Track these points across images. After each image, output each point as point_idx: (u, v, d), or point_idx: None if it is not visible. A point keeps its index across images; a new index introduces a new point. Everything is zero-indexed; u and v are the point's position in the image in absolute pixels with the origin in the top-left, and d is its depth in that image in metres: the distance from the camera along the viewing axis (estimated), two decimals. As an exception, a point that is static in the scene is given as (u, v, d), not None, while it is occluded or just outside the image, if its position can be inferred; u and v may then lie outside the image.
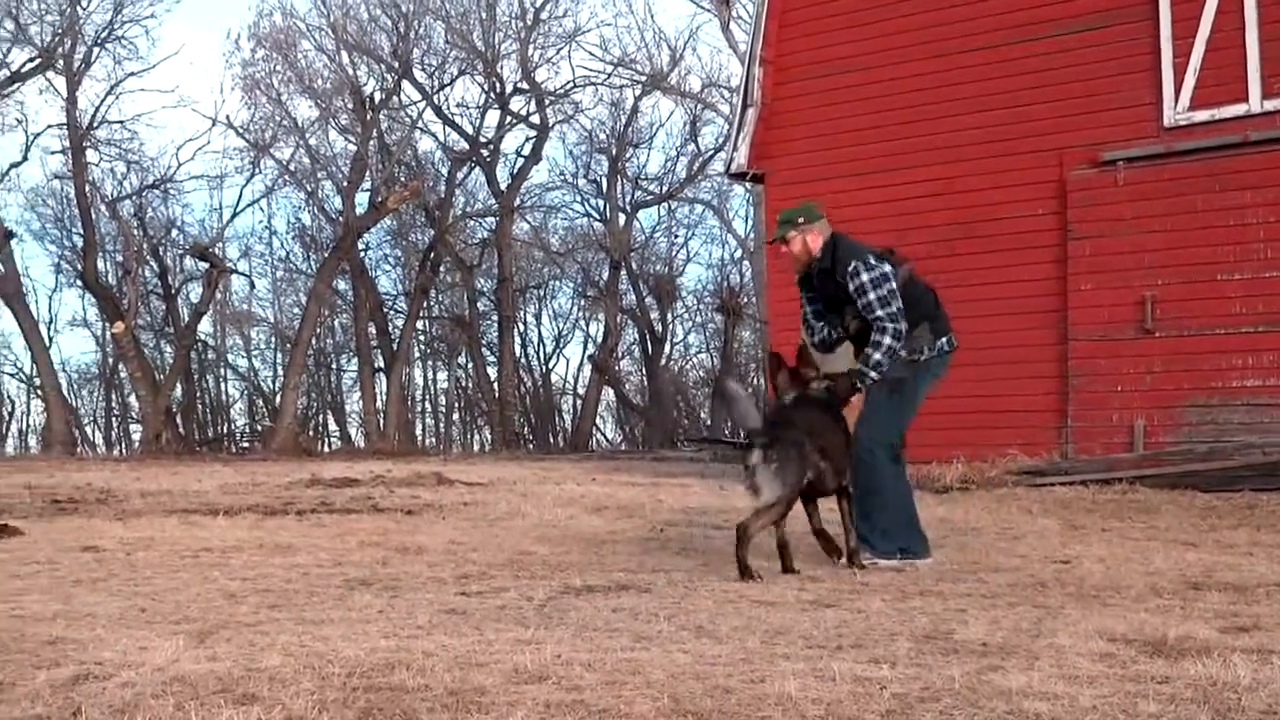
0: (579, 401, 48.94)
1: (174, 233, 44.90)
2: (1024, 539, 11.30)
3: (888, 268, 9.38)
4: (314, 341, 45.01)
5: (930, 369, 9.76)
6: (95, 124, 39.49)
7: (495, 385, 45.11)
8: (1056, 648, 5.88)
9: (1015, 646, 5.95)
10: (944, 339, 9.77)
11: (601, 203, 45.67)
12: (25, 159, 39.90)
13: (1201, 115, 17.53)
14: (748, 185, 31.40)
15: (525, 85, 43.50)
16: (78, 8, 38.06)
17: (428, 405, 52.90)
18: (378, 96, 41.93)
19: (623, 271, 44.59)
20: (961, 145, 19.12)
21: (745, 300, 45.12)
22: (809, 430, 8.89)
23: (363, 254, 43.84)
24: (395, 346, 43.78)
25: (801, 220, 9.67)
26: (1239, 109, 17.31)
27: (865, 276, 9.28)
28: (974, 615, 6.89)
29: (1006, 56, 18.85)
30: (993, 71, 18.94)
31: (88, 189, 40.02)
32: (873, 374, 9.33)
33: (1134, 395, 17.71)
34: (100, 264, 42.24)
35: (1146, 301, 17.57)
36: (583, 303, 49.57)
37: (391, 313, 46.28)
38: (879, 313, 9.26)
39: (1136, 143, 17.87)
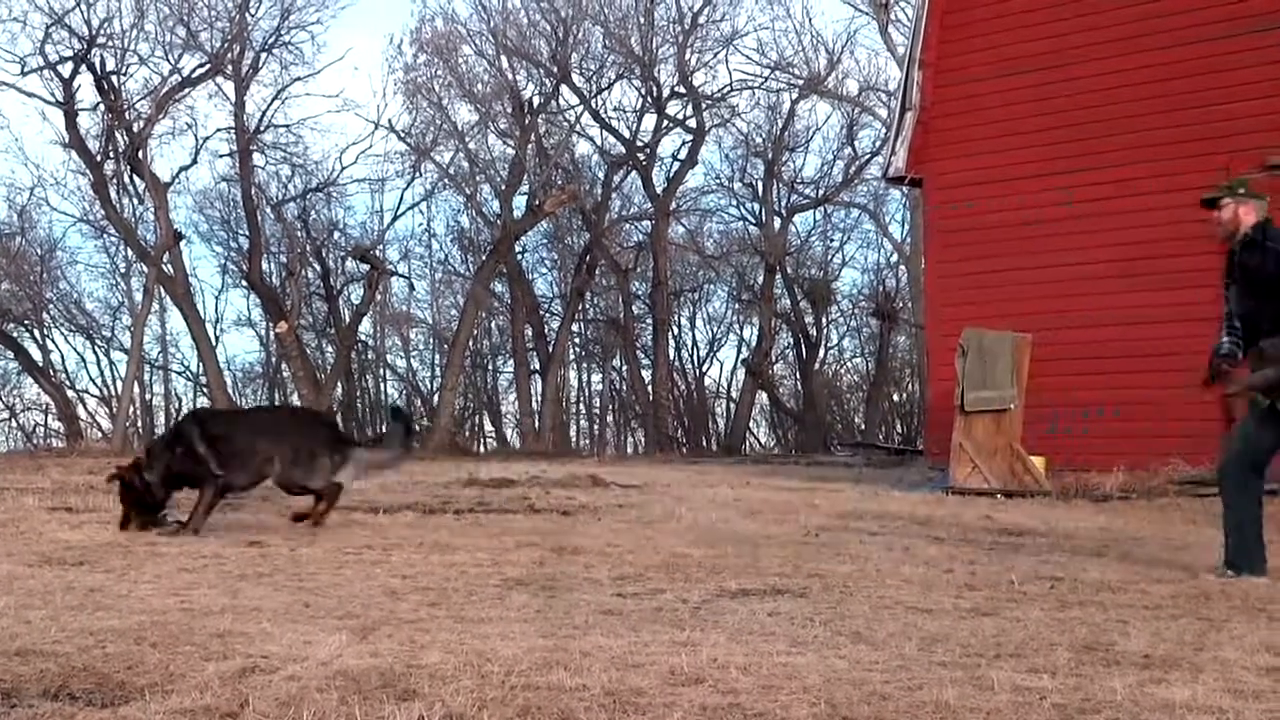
0: (732, 405, 48.86)
1: (336, 235, 45.62)
2: (1187, 549, 11.10)
3: None
4: (471, 343, 45.38)
5: None
6: (262, 128, 40.23)
7: (649, 388, 45.19)
8: (1221, 661, 5.78)
9: (1178, 659, 5.85)
10: None
11: (757, 206, 45.53)
12: (194, 162, 40.59)
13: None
14: (905, 189, 31.15)
15: (682, 89, 43.53)
16: (246, 14, 38.83)
17: (582, 407, 53.16)
18: (536, 101, 42.26)
19: (777, 275, 44.38)
20: (1127, 149, 18.82)
21: (901, 305, 44.69)
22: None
23: (520, 257, 44.17)
24: (551, 348, 44.06)
25: (1241, 191, 9.45)
26: None
27: None
28: (1136, 626, 6.78)
29: (1174, 59, 18.52)
30: (1159, 74, 18.62)
31: (254, 192, 40.79)
32: None
33: (1299, 404, 17.25)
34: (265, 265, 43.00)
35: (1313, 308, 17.12)
36: (737, 306, 49.45)
37: (547, 315, 46.59)
38: None
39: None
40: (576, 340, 50.15)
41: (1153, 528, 12.97)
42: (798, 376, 48.20)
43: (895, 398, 48.51)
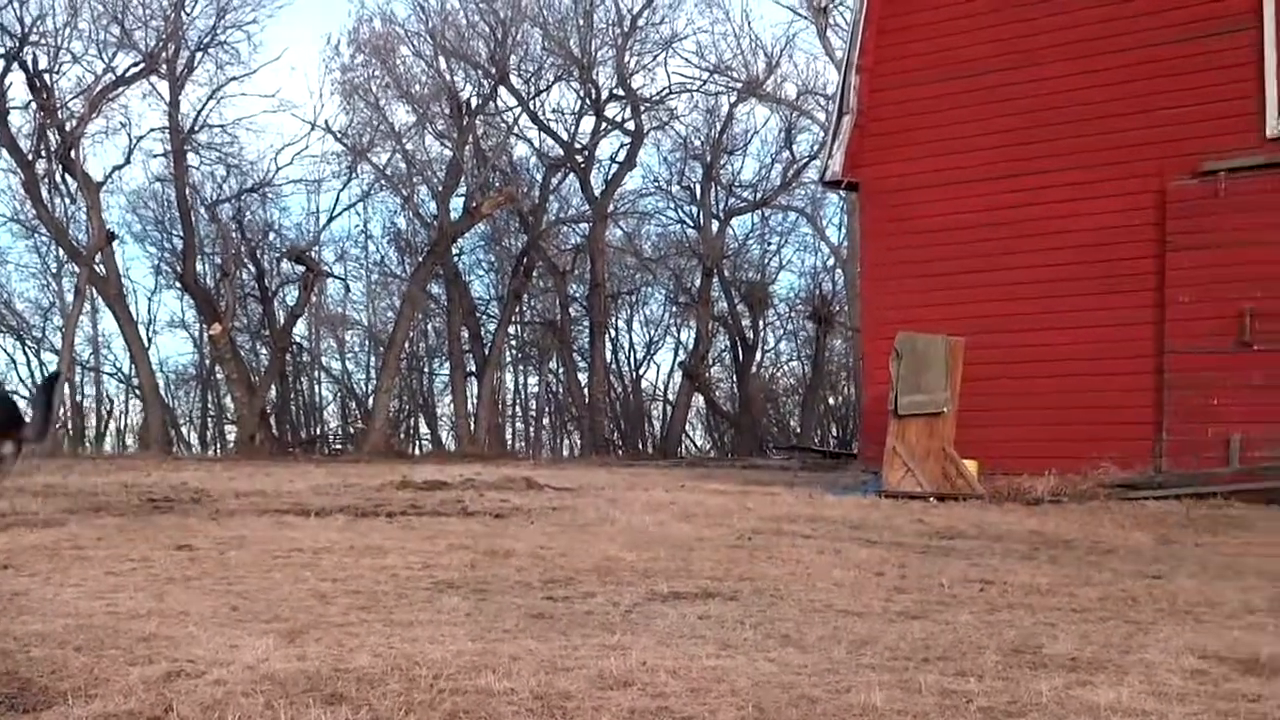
0: (669, 408, 48.90)
1: (271, 236, 45.35)
2: (1116, 553, 11.18)
3: None
4: (407, 345, 45.26)
5: None
6: (196, 128, 40.02)
7: (586, 391, 45.21)
8: (1147, 663, 5.82)
9: (1105, 661, 5.90)
10: None
11: (695, 209, 45.61)
12: (128, 162, 40.23)
13: (1304, 126, 17.27)
14: (842, 193, 31.26)
15: (621, 92, 43.58)
16: (182, 13, 38.59)
17: (518, 410, 53.06)
18: (474, 102, 42.19)
19: (715, 278, 44.47)
20: (1060, 155, 18.96)
21: (837, 309, 44.89)
22: None
23: (457, 259, 44.08)
24: (487, 351, 43.98)
25: None
26: (1344, 120, 17.05)
27: None
28: (1064, 629, 6.83)
29: (1107, 66, 18.67)
30: (1093, 81, 18.76)
31: (188, 192, 40.55)
32: None
33: (1231, 409, 17.45)
34: (199, 266, 42.75)
35: (1245, 314, 17.32)
36: (674, 309, 49.52)
37: (484, 317, 46.51)
38: None
39: (1238, 153, 17.62)
40: (513, 342, 50.08)
41: (1083, 531, 13.06)
42: (734, 379, 48.31)
43: (831, 401, 48.73)
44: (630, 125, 43.86)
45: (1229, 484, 16.51)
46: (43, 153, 38.02)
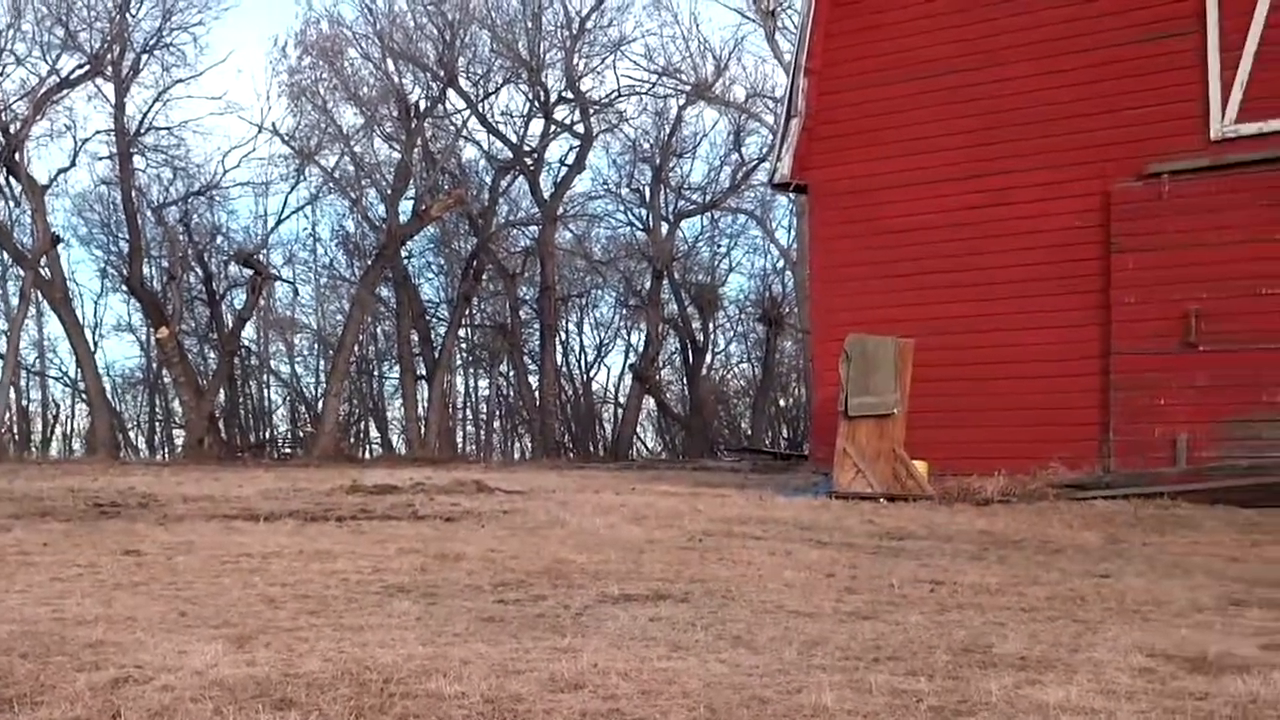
0: (619, 410, 48.88)
1: (219, 239, 45.08)
2: (1064, 552, 11.25)
3: None
4: (356, 348, 45.08)
5: None
6: (143, 130, 39.77)
7: (536, 393, 45.16)
8: (1095, 662, 5.86)
9: (1054, 660, 5.93)
10: None
11: (644, 212, 45.62)
12: (73, 165, 39.95)
13: (1248, 128, 17.40)
14: (791, 195, 31.32)
15: (570, 94, 43.54)
16: (127, 15, 38.33)
17: (469, 413, 52.93)
18: (422, 104, 42.04)
19: (665, 281, 44.50)
20: (1007, 157, 19.06)
21: (787, 310, 45.00)
22: None
23: (406, 261, 43.96)
24: (437, 354, 43.86)
25: None
26: (1286, 122, 17.19)
27: None
28: (1013, 629, 6.86)
29: (1053, 69, 18.77)
30: (1039, 84, 18.86)
31: (134, 195, 40.26)
32: None
33: (1177, 409, 17.58)
34: (145, 269, 42.42)
35: (1190, 315, 17.45)
36: (624, 312, 49.50)
37: (434, 320, 46.37)
38: None
39: (1182, 155, 17.75)
40: (463, 345, 49.97)
41: (1032, 531, 13.14)
42: (685, 382, 48.35)
43: (781, 403, 48.84)
44: (579, 128, 43.84)
45: (1176, 484, 16.63)
46: (-14, 156, 37.69)
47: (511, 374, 48.57)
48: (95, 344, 45.53)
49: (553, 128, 44.25)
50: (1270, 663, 5.85)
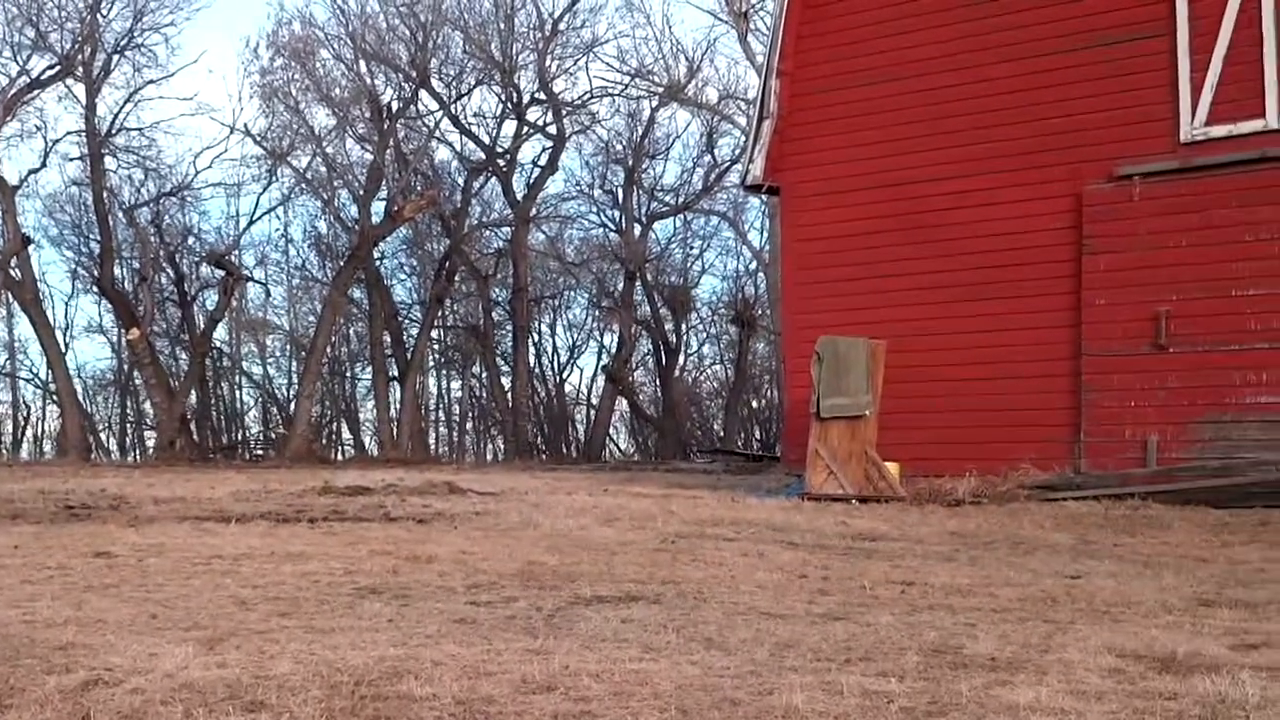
0: (592, 412, 48.87)
1: (190, 240, 44.90)
2: (1035, 553, 11.29)
3: None
4: (329, 350, 44.99)
5: None
6: (114, 131, 39.59)
7: (509, 395, 45.10)
8: (1065, 663, 5.88)
9: (1024, 661, 5.95)
10: None
11: (617, 213, 45.61)
12: (44, 165, 39.73)
13: (1218, 131, 17.49)
14: (763, 197, 31.39)
15: (542, 95, 43.49)
16: (98, 15, 38.17)
17: (441, 414, 52.87)
18: (395, 106, 41.96)
19: (637, 282, 44.51)
20: (978, 159, 19.11)
21: (759, 312, 45.04)
22: None
23: (378, 263, 43.86)
24: (410, 355, 43.77)
25: None
26: (1256, 124, 17.26)
27: None
28: (983, 630, 6.88)
29: (1024, 71, 18.83)
30: (1011, 86, 18.93)
31: (105, 196, 40.09)
32: None
33: (1147, 410, 17.65)
34: (117, 271, 42.29)
35: (1161, 317, 17.52)
36: (597, 313, 49.50)
37: (406, 321, 46.31)
38: None
39: (1153, 158, 17.83)
40: (436, 347, 49.88)
41: (1003, 532, 13.18)
42: (658, 383, 48.34)
43: (754, 404, 48.87)
44: (552, 129, 43.83)
45: (1146, 485, 16.69)
46: (-45, 156, 37.52)
47: (484, 375, 48.55)
48: (66, 345, 45.38)
49: (525, 129, 44.23)
50: (1239, 663, 5.88)
